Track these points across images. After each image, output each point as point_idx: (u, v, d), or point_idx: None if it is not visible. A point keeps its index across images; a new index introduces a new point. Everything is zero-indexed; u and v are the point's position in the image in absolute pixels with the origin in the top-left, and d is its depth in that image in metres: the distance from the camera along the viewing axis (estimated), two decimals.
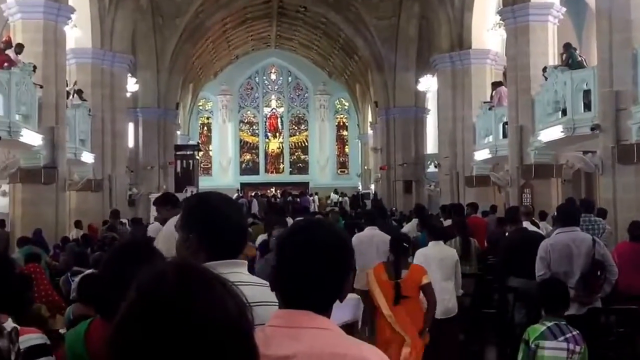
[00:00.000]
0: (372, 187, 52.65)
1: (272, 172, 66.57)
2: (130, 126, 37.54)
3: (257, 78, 66.95)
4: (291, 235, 2.61)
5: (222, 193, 3.56)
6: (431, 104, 42.00)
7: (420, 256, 10.55)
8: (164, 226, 7.95)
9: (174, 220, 4.75)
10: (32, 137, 22.64)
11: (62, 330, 7.02)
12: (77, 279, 10.56)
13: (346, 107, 66.14)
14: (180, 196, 10.23)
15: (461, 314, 10.96)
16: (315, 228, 2.60)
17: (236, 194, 48.59)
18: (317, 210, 39.31)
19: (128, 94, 34.90)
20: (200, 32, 43.59)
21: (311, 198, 46.09)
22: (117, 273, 3.06)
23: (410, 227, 17.57)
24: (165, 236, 7.04)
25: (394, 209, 38.20)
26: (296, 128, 67.54)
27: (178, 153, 42.67)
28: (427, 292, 9.32)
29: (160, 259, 3.17)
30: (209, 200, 3.38)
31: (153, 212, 19.25)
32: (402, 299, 9.22)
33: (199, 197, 3.48)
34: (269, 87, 67.31)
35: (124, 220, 24.85)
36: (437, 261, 10.59)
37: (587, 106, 21.02)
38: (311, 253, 2.50)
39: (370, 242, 13.09)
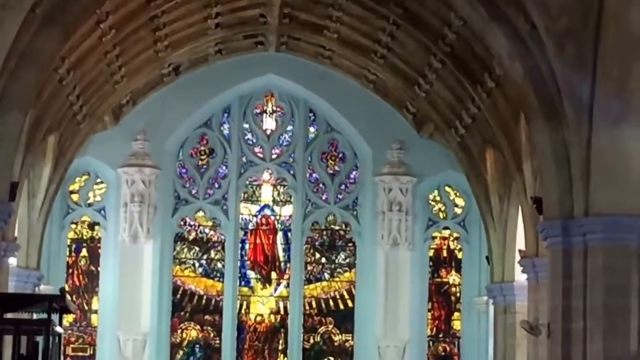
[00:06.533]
0: None
1: None
2: None
3: (225, 124, 32.68)
4: None
5: None
6: None
7: None
8: None
9: None
10: None
11: None
12: None
13: (457, 212, 34.05)
14: None
15: None
16: None
17: None
18: None
19: None
20: (80, 8, 21.61)
21: None
22: None
23: None
24: None
25: None
26: (324, 264, 33.56)
27: (9, 317, 19.65)
28: None
29: None
30: None
31: None
32: None
33: None
34: (258, 147, 33.67)
35: None
36: None
37: None
38: None
39: None
